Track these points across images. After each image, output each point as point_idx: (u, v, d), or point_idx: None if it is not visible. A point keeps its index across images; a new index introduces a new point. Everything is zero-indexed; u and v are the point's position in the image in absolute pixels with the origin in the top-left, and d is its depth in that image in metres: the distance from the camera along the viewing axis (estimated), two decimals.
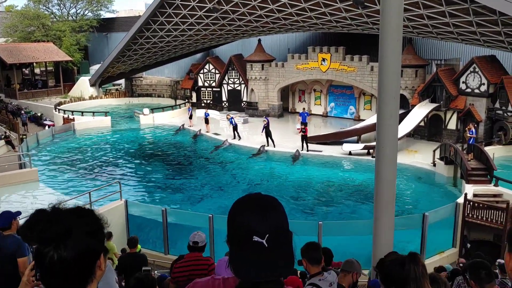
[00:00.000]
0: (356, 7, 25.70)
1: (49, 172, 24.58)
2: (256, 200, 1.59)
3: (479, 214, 16.10)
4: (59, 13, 59.09)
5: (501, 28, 21.83)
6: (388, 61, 4.99)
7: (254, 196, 1.61)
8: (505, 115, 24.77)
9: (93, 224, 1.63)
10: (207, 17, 32.85)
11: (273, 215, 1.55)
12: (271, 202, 1.59)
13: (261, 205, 1.56)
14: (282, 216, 1.58)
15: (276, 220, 1.55)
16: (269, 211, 1.55)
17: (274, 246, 1.50)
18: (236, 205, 1.60)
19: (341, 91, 34.81)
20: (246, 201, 1.59)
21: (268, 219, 1.53)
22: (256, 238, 1.49)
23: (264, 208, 1.55)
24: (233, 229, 1.55)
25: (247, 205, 1.57)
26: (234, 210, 1.59)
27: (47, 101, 43.82)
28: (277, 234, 1.52)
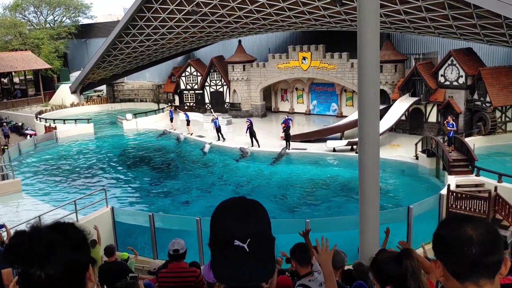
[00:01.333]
0: (334, 5, 25.93)
1: (32, 182, 24.29)
2: (238, 204, 1.57)
3: (462, 204, 16.39)
4: (36, 21, 58.39)
5: (476, 21, 22.24)
6: (367, 58, 5.09)
7: (237, 200, 1.60)
8: (484, 106, 25.22)
9: (76, 237, 1.60)
10: (187, 19, 32.80)
11: (255, 219, 1.53)
12: (254, 206, 1.58)
13: (243, 209, 1.55)
14: (265, 220, 1.56)
15: (258, 224, 1.52)
16: (251, 215, 1.53)
17: (256, 251, 1.48)
18: (218, 209, 1.58)
19: (323, 89, 35.05)
20: (228, 205, 1.58)
21: (250, 223, 1.51)
22: (237, 242, 1.47)
23: (246, 212, 1.54)
24: (214, 233, 1.54)
25: (229, 209, 1.56)
26: (216, 214, 1.57)
27: (27, 110, 43.24)
28: (258, 238, 1.50)
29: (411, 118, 28.45)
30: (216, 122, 29.40)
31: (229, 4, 29.72)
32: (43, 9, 57.69)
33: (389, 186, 21.50)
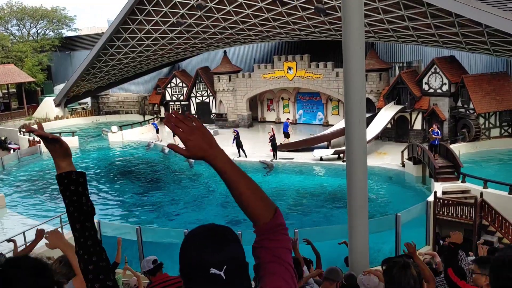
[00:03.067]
0: (318, 15, 26.15)
1: (16, 197, 23.91)
2: (210, 231, 1.52)
3: (449, 211, 16.52)
4: (19, 34, 57.87)
5: (458, 29, 22.59)
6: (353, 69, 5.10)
7: (208, 227, 1.54)
8: (468, 113, 25.55)
9: (33, 267, 1.60)
10: (171, 31, 32.78)
11: (230, 245, 1.49)
12: (226, 232, 1.53)
13: (216, 236, 1.50)
14: (239, 246, 1.52)
15: (232, 250, 1.49)
16: (225, 242, 1.49)
17: (232, 278, 1.45)
18: (190, 238, 1.52)
19: (309, 98, 35.22)
20: (200, 233, 1.52)
21: (224, 250, 1.47)
22: (214, 270, 1.43)
23: (220, 239, 1.49)
24: (187, 263, 1.48)
25: (201, 237, 1.50)
26: (188, 243, 1.51)
27: (10, 124, 42.67)
28: (234, 265, 1.47)
29: (397, 126, 28.69)
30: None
31: (214, 15, 29.80)
32: (26, 22, 57.21)
33: (377, 194, 21.59)
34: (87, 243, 1.76)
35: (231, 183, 1.64)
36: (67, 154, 1.86)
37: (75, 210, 1.77)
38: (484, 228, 16.40)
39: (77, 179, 1.80)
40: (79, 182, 1.80)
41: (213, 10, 29.40)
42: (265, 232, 1.63)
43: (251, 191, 1.64)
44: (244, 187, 1.64)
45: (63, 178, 1.79)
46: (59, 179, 1.80)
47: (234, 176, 1.64)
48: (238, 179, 1.65)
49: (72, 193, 1.78)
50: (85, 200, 1.80)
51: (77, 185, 1.79)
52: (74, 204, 1.77)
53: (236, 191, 1.64)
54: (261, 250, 1.61)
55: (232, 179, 1.64)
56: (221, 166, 1.64)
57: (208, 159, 1.63)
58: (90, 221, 1.80)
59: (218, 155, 1.66)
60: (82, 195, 1.79)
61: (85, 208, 1.79)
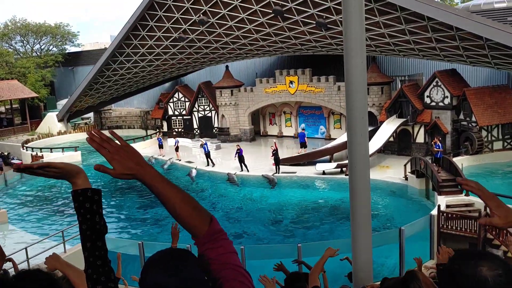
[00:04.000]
0: (319, 30, 26.32)
1: (19, 213, 23.88)
2: (166, 256, 1.54)
3: (453, 225, 16.40)
4: (23, 50, 58.37)
5: (458, 43, 22.68)
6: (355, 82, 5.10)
7: (165, 252, 1.56)
8: (470, 125, 25.53)
9: (42, 281, 1.58)
10: (174, 46, 33.02)
11: (186, 269, 1.50)
12: (183, 256, 1.54)
13: (173, 261, 1.51)
14: (195, 269, 1.53)
15: (189, 274, 1.49)
16: (181, 266, 1.50)
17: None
18: (147, 266, 1.54)
19: (311, 112, 35.28)
20: (157, 259, 1.54)
21: (181, 274, 1.47)
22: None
23: (175, 265, 1.50)
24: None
25: (158, 263, 1.52)
26: (146, 270, 1.52)
27: (13, 139, 42.80)
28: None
29: (399, 139, 28.66)
30: (205, 147, 29.34)
31: (216, 30, 30.03)
32: (29, 38, 57.75)
33: (380, 207, 21.48)
34: (96, 262, 1.74)
35: (163, 197, 1.63)
36: (75, 172, 1.80)
37: (88, 228, 1.75)
38: (488, 242, 16.27)
39: (92, 197, 1.77)
40: (94, 199, 1.77)
41: (215, 26, 29.64)
42: (206, 242, 1.64)
43: (184, 203, 1.64)
44: (177, 200, 1.64)
45: (78, 195, 1.76)
46: (75, 196, 1.77)
47: (165, 190, 1.63)
48: (170, 193, 1.63)
49: (87, 211, 1.75)
50: (99, 219, 1.77)
51: (92, 203, 1.76)
52: (88, 222, 1.75)
53: (169, 205, 1.64)
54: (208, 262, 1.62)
55: (164, 194, 1.63)
56: (151, 182, 1.63)
57: (137, 177, 1.63)
58: (101, 240, 1.78)
59: (147, 172, 1.64)
60: (96, 213, 1.76)
61: (97, 227, 1.76)
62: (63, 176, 1.76)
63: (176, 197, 1.63)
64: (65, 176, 1.77)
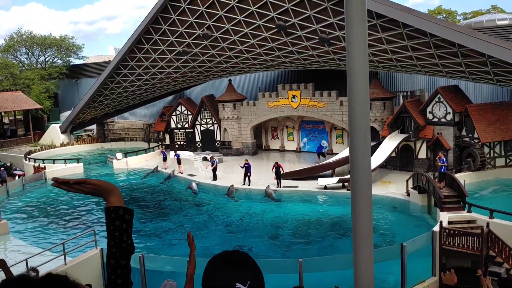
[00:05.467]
0: (322, 45, 26.50)
1: (20, 224, 23.83)
2: (234, 255, 1.73)
3: (456, 241, 16.30)
4: (27, 62, 58.82)
5: (461, 60, 22.79)
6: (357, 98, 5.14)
7: (233, 253, 1.75)
8: (472, 142, 25.52)
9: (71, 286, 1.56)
10: (177, 60, 33.24)
11: (252, 268, 1.70)
12: (249, 258, 1.74)
13: (240, 259, 1.71)
14: (258, 269, 1.72)
15: (253, 270, 1.69)
16: (247, 262, 1.70)
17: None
18: (215, 261, 1.71)
19: (313, 126, 35.33)
20: (224, 257, 1.72)
21: (249, 271, 1.68)
22: (239, 285, 1.61)
23: (244, 262, 1.70)
24: (213, 282, 1.65)
25: (226, 260, 1.70)
26: (213, 265, 1.70)
27: (16, 150, 42.91)
28: (256, 282, 1.66)
29: (401, 154, 28.64)
30: (215, 161, 29.46)
31: (219, 44, 30.26)
32: (34, 50, 58.25)
33: (382, 223, 21.38)
34: (117, 281, 1.79)
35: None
36: (110, 190, 1.86)
37: (114, 245, 1.79)
38: (491, 259, 16.15)
39: (123, 215, 1.82)
40: (125, 218, 1.83)
41: (218, 40, 29.88)
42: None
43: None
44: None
45: (110, 212, 1.82)
46: (107, 213, 1.83)
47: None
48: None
49: (116, 229, 1.81)
50: (126, 238, 1.82)
51: (122, 221, 1.81)
52: (115, 239, 1.80)
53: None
54: None
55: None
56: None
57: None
58: (125, 259, 1.82)
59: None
60: (125, 232, 1.82)
61: (124, 245, 1.81)
62: (98, 193, 1.85)
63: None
64: (101, 193, 1.84)
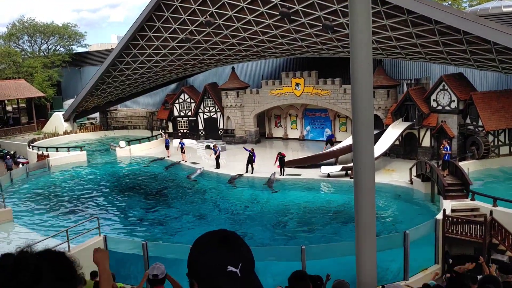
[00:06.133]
0: (326, 32, 26.29)
1: (24, 211, 23.96)
2: (222, 236, 1.62)
3: (459, 229, 16.29)
4: (30, 50, 58.74)
5: (466, 47, 22.59)
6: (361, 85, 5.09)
7: (219, 232, 1.65)
8: (476, 130, 25.39)
9: (64, 268, 1.54)
10: (180, 47, 33.09)
11: (241, 246, 1.60)
12: (236, 236, 1.64)
13: (227, 238, 1.60)
14: (249, 251, 1.62)
15: (244, 250, 1.59)
16: (237, 246, 1.59)
17: (246, 275, 1.54)
18: (201, 245, 1.62)
19: (316, 114, 35.22)
20: (212, 239, 1.62)
21: (239, 251, 1.58)
22: (230, 268, 1.52)
23: (231, 241, 1.60)
24: (204, 268, 1.55)
25: (213, 240, 1.61)
26: (200, 249, 1.60)
27: (20, 138, 43.02)
28: (247, 264, 1.57)
29: (405, 142, 28.55)
30: (218, 150, 29.45)
31: (222, 32, 30.07)
32: (37, 38, 58.10)
33: (385, 211, 21.39)
34: None
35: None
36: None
37: None
38: (494, 247, 16.15)
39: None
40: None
41: (221, 27, 29.68)
42: None
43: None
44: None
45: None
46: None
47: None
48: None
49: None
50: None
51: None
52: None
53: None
54: None
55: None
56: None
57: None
58: None
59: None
60: None
61: None
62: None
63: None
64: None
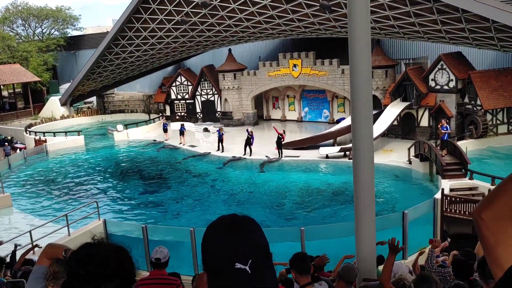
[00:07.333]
0: (323, 12, 26.02)
1: (23, 197, 23.98)
2: (232, 223, 1.46)
3: (457, 208, 16.37)
4: (24, 34, 58.09)
5: (464, 25, 22.39)
6: (359, 66, 5.02)
7: (229, 218, 1.48)
8: (475, 109, 25.34)
9: (131, 268, 1.66)
10: (176, 29, 32.75)
11: (252, 237, 1.43)
12: (248, 223, 1.47)
13: (239, 228, 1.44)
14: (262, 237, 1.46)
15: (256, 242, 1.43)
16: (248, 234, 1.43)
17: (257, 271, 1.39)
18: (211, 231, 1.46)
19: (314, 96, 35.09)
20: (221, 225, 1.46)
21: (248, 243, 1.41)
22: (239, 265, 1.38)
23: (242, 231, 1.44)
24: (211, 257, 1.43)
25: (223, 230, 1.44)
26: (209, 236, 1.46)
27: (16, 123, 42.84)
28: (259, 258, 1.41)
29: (403, 122, 28.52)
30: (219, 132, 29.31)
31: (218, 13, 29.74)
32: (31, 22, 57.42)
33: (383, 191, 21.46)
34: None
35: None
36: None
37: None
38: None
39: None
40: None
41: (217, 8, 29.35)
42: None
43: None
44: None
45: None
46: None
47: None
48: None
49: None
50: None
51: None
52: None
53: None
54: None
55: None
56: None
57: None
58: None
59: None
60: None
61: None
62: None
63: None
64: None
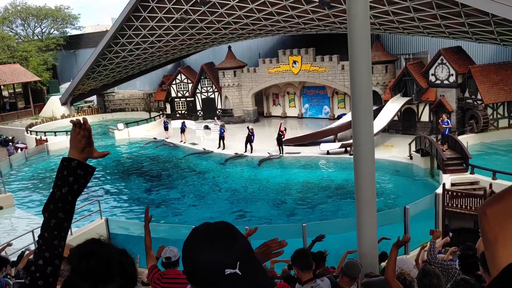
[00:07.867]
0: (322, 8, 25.97)
1: (24, 196, 24.02)
2: (213, 231, 1.45)
3: (458, 203, 16.38)
4: (24, 33, 58.05)
5: (464, 19, 22.34)
6: (359, 61, 5.02)
7: (210, 227, 1.47)
8: (475, 103, 25.32)
9: (133, 270, 1.66)
10: (175, 27, 32.71)
11: (237, 241, 1.43)
12: (229, 228, 1.47)
13: (222, 235, 1.43)
14: (245, 242, 1.46)
15: (241, 245, 1.43)
16: (232, 239, 1.43)
17: (248, 272, 1.39)
18: (193, 241, 1.44)
19: (315, 92, 35.07)
20: (203, 235, 1.45)
21: (234, 246, 1.40)
22: (229, 271, 1.36)
23: (226, 236, 1.43)
24: (197, 268, 1.40)
25: (206, 239, 1.43)
26: (192, 246, 1.43)
27: (17, 123, 42.87)
28: (247, 259, 1.41)
29: (404, 118, 28.50)
30: (221, 129, 29.23)
31: (218, 10, 29.68)
32: (30, 22, 57.37)
33: (385, 187, 21.47)
34: (53, 242, 1.68)
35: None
36: (77, 145, 1.89)
37: (51, 196, 1.71)
38: None
39: (75, 168, 1.75)
40: (76, 172, 1.75)
41: (216, 5, 29.29)
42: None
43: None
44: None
45: (63, 160, 1.76)
46: (61, 161, 1.76)
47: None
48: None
49: (59, 179, 1.72)
50: (66, 193, 1.72)
51: (69, 173, 1.73)
52: (55, 189, 1.71)
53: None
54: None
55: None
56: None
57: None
58: (57, 217, 1.71)
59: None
60: (67, 185, 1.72)
61: (58, 196, 1.71)
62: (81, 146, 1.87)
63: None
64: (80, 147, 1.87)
